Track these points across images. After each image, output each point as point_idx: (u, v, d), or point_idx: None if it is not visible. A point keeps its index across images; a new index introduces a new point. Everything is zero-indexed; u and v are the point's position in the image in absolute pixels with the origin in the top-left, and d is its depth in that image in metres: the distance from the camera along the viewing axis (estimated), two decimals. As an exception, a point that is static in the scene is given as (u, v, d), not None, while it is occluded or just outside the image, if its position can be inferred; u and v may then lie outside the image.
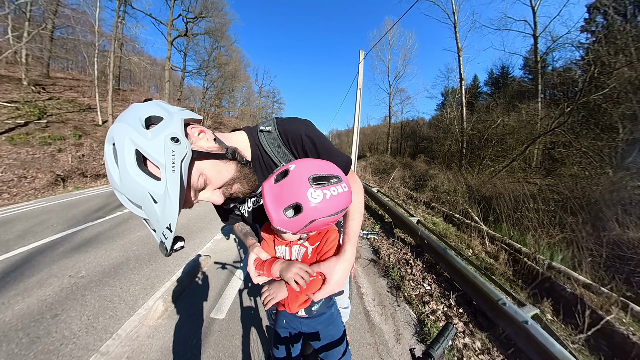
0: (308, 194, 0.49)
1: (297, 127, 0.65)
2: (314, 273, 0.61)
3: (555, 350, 1.36)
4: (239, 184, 0.59)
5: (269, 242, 0.71)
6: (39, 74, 12.56)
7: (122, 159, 0.41)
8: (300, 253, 0.67)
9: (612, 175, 4.82)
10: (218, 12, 21.44)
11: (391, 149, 25.37)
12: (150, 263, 2.76)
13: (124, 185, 0.42)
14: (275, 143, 0.66)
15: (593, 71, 7.37)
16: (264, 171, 0.69)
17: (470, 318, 1.99)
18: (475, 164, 10.37)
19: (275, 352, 0.81)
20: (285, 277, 0.61)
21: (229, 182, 0.57)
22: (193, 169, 0.49)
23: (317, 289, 0.61)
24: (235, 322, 1.88)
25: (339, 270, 0.61)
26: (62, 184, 7.05)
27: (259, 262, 0.69)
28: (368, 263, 3.01)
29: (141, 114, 0.46)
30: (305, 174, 0.51)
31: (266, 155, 0.68)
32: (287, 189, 0.50)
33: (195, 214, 4.68)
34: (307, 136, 0.65)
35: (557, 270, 2.74)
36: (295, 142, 0.65)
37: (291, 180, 0.50)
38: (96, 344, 1.65)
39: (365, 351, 1.68)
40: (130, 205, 0.45)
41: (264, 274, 0.67)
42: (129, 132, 0.42)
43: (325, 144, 0.66)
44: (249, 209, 0.80)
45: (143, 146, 0.42)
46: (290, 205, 0.50)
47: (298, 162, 0.54)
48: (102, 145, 10.05)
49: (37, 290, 2.21)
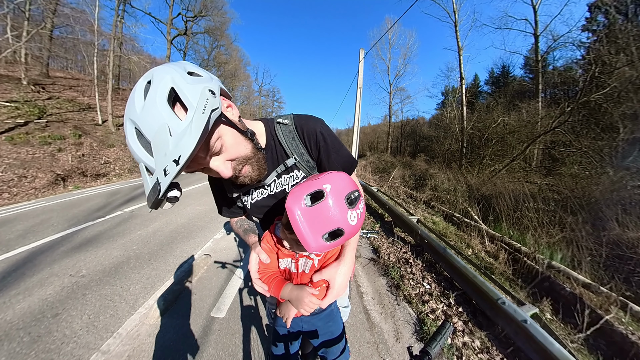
0: (348, 218, 0.47)
1: (314, 123, 0.68)
2: (317, 291, 0.62)
3: (554, 349, 1.36)
4: (250, 167, 0.58)
5: (271, 255, 0.68)
6: (38, 74, 12.54)
7: (154, 92, 0.41)
8: (308, 265, 0.67)
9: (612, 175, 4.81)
10: (218, 11, 21.41)
11: (391, 148, 25.36)
12: (150, 262, 2.77)
13: (144, 114, 0.40)
14: (290, 135, 0.68)
15: (594, 70, 7.36)
16: (274, 162, 0.70)
17: (470, 317, 1.99)
18: (476, 164, 10.37)
19: (274, 350, 0.82)
20: (297, 307, 0.62)
21: (242, 159, 0.56)
22: (215, 130, 0.49)
23: (323, 297, 0.63)
24: (236, 320, 1.89)
25: (340, 274, 0.63)
26: (62, 184, 7.06)
27: (266, 276, 0.67)
28: (368, 262, 3.02)
29: (186, 66, 0.48)
30: (341, 195, 0.48)
31: (280, 147, 0.69)
32: (325, 213, 0.46)
33: (195, 213, 4.69)
34: (321, 133, 0.67)
35: (557, 270, 2.75)
36: (309, 137, 0.68)
37: (329, 204, 0.47)
38: (97, 342, 1.66)
39: (365, 350, 1.69)
40: (134, 140, 0.42)
41: (264, 287, 0.66)
42: (173, 72, 0.43)
43: (335, 143, 0.69)
44: (252, 201, 0.77)
45: (181, 86, 0.42)
46: (331, 231, 0.47)
47: (331, 181, 0.49)
48: (102, 144, 10.05)
49: (38, 289, 2.22)
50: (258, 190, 0.75)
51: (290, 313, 0.66)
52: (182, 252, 3.06)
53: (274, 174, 0.70)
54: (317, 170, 0.72)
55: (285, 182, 0.71)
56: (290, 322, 0.66)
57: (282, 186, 0.72)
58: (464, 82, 14.27)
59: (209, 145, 0.48)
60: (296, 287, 0.64)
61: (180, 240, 3.43)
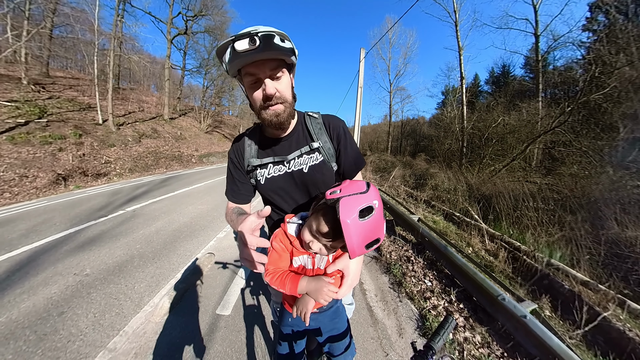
0: (384, 229, 0.58)
1: (338, 121, 0.84)
2: (333, 280, 0.65)
3: (553, 343, 1.39)
4: (283, 107, 0.69)
5: (283, 254, 0.69)
6: (38, 73, 12.51)
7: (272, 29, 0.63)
8: (323, 261, 0.69)
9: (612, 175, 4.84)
10: (218, 10, 21.35)
11: (391, 147, 25.36)
12: (154, 261, 2.79)
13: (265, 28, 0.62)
14: (318, 126, 0.82)
15: (594, 70, 7.37)
16: (299, 142, 0.81)
17: (471, 313, 2.02)
18: (476, 163, 10.39)
19: (279, 349, 0.82)
20: (316, 298, 0.63)
21: (282, 98, 0.68)
22: (284, 70, 0.67)
23: (339, 286, 0.65)
24: (241, 318, 1.91)
25: (354, 263, 0.67)
26: (63, 183, 7.07)
27: (276, 275, 0.66)
28: (370, 260, 3.05)
29: None
30: (381, 210, 0.56)
31: (307, 132, 0.82)
32: (373, 226, 0.53)
33: (198, 212, 4.71)
34: (343, 128, 0.83)
35: (556, 268, 2.77)
36: (334, 129, 0.82)
37: (377, 218, 0.54)
38: (103, 340, 1.68)
39: (369, 345, 1.71)
40: (263, 29, 0.61)
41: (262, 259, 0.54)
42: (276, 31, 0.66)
43: (352, 139, 0.84)
44: (268, 176, 0.80)
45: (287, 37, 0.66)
46: (373, 240, 0.55)
47: (376, 197, 0.55)
48: (103, 144, 10.05)
49: (42, 288, 2.23)
50: (276, 167, 0.79)
51: (308, 306, 0.66)
52: (186, 250, 3.08)
53: (297, 152, 0.79)
54: (335, 158, 0.82)
55: (304, 162, 0.79)
56: (308, 318, 0.65)
57: (301, 165, 0.78)
58: (465, 81, 14.28)
59: (276, 68, 0.65)
60: (312, 278, 0.65)
61: (183, 239, 3.45)
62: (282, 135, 0.79)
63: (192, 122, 20.72)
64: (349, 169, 0.82)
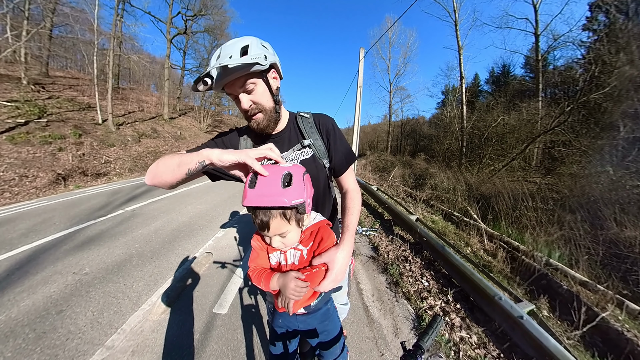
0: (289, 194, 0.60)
1: (328, 118, 0.89)
2: (303, 276, 0.62)
3: (550, 344, 1.39)
4: (263, 115, 0.75)
5: (261, 252, 0.71)
6: (38, 73, 12.52)
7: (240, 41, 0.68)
8: (296, 256, 0.69)
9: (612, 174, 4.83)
10: (217, 10, 21.34)
11: (391, 147, 25.34)
12: (152, 260, 2.80)
13: (228, 45, 0.67)
14: (309, 125, 0.87)
15: (594, 70, 7.36)
16: (291, 141, 0.85)
17: (467, 313, 2.02)
18: (475, 163, 10.38)
19: (272, 349, 0.82)
20: (285, 295, 0.63)
21: (260, 107, 0.73)
22: (254, 79, 0.70)
23: (322, 279, 0.63)
24: (238, 317, 1.92)
25: (339, 257, 0.65)
26: (63, 183, 7.08)
27: (256, 272, 0.69)
28: (367, 260, 3.05)
29: (264, 43, 0.73)
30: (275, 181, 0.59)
31: (298, 131, 0.86)
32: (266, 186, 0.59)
33: (197, 211, 4.72)
34: (332, 125, 0.88)
35: (554, 268, 2.77)
36: (323, 126, 0.87)
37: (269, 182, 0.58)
38: (101, 338, 1.69)
39: (365, 345, 1.72)
40: (224, 52, 0.66)
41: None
42: (253, 39, 0.70)
43: (341, 135, 0.88)
44: None
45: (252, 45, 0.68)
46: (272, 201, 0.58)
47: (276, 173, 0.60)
48: (103, 144, 10.07)
49: (42, 287, 2.24)
50: (269, 162, 0.79)
51: (289, 302, 0.65)
52: (184, 250, 3.09)
53: (290, 150, 0.84)
54: (326, 155, 0.86)
55: (295, 157, 0.84)
56: (292, 310, 0.64)
57: (292, 160, 0.83)
58: (464, 81, 14.27)
59: (245, 83, 0.69)
60: (282, 274, 0.65)
61: (182, 238, 3.46)
62: (272, 133, 0.83)
63: (192, 122, 20.72)
64: (340, 163, 0.86)
